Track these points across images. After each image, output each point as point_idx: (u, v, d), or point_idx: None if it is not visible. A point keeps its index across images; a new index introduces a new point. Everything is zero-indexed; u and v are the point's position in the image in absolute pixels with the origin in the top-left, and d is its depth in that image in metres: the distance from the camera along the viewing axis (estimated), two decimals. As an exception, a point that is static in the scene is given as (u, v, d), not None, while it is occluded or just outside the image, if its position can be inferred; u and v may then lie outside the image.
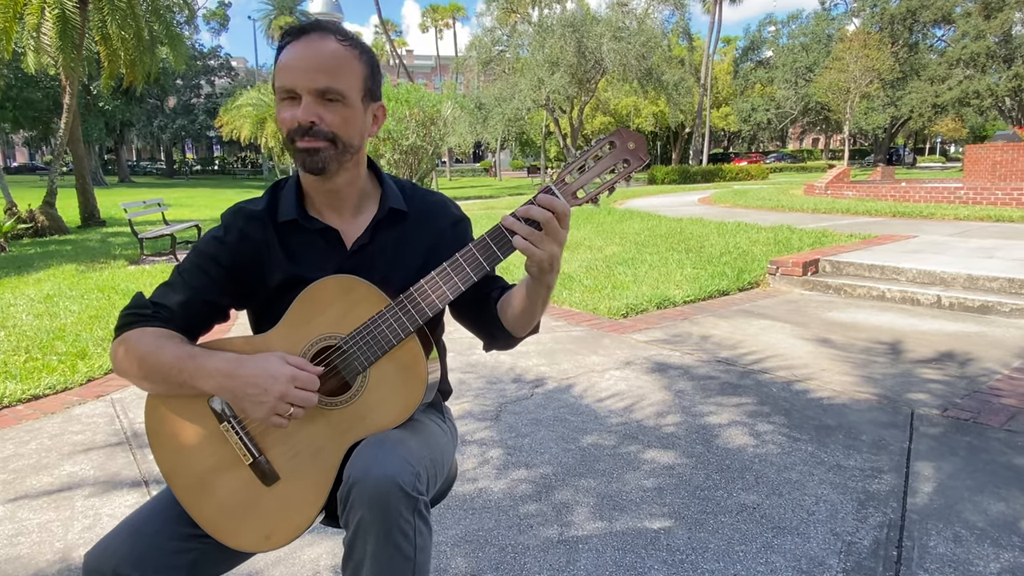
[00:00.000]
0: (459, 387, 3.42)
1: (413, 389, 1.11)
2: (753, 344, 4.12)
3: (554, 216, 1.05)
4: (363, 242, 1.23)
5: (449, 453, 1.30)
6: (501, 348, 1.31)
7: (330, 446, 1.13)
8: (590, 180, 1.10)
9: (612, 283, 5.78)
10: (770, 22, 50.90)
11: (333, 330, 1.13)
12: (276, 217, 1.23)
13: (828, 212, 10.96)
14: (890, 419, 2.93)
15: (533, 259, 1.06)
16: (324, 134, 1.13)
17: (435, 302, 1.11)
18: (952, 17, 37.53)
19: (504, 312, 1.24)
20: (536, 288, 1.14)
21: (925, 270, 5.48)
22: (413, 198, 1.30)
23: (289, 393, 1.05)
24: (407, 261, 1.24)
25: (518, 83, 29.19)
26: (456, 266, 1.11)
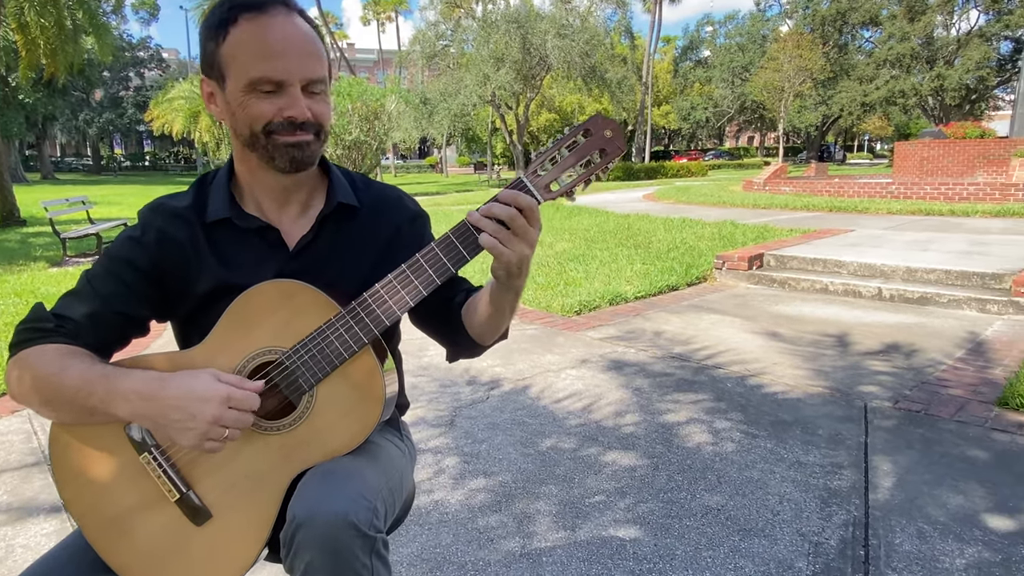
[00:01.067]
0: (411, 392, 3.28)
1: (368, 409, 0.98)
2: (705, 339, 4.11)
3: (520, 213, 0.93)
4: (307, 241, 1.08)
5: (408, 475, 1.17)
6: (466, 357, 1.19)
7: (272, 476, 0.98)
8: (563, 172, 0.99)
9: (564, 280, 5.72)
10: (707, 22, 52.25)
11: (273, 343, 0.99)
12: (204, 215, 1.07)
13: (768, 207, 11.23)
14: (844, 413, 2.95)
15: (500, 260, 0.95)
16: (312, 127, 1.01)
17: (393, 309, 0.98)
18: (879, 19, 39.31)
19: (469, 318, 1.12)
20: (503, 293, 1.02)
21: (865, 263, 5.63)
22: (365, 192, 1.16)
23: (223, 416, 0.90)
24: (359, 262, 1.10)
25: (463, 78, 28.97)
26: (416, 268, 0.98)
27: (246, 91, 0.97)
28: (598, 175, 1.02)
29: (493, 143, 41.62)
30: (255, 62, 0.96)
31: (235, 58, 0.97)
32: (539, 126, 44.17)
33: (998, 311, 4.58)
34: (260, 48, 0.96)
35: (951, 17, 38.19)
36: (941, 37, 38.32)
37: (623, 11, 35.00)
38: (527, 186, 0.97)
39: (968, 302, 4.73)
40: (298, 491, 0.92)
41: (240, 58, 0.96)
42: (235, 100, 0.99)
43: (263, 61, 0.96)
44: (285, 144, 0.99)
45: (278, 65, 0.96)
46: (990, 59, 36.29)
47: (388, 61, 59.72)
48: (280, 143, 0.99)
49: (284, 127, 0.98)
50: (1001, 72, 37.96)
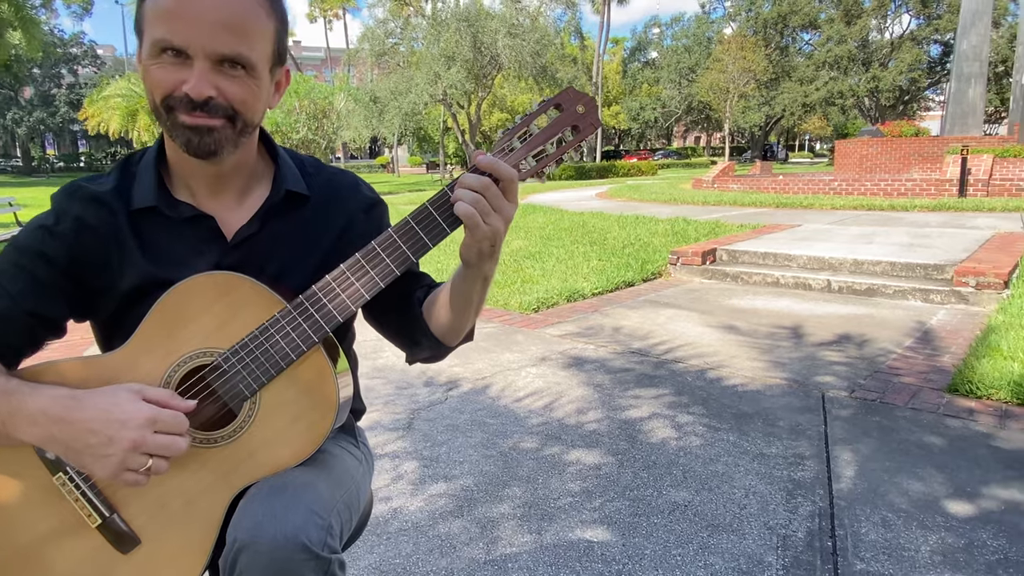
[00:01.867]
0: (366, 395, 3.13)
1: (320, 415, 0.88)
2: (663, 334, 4.11)
3: (498, 182, 0.85)
4: (250, 232, 0.97)
5: (365, 486, 1.07)
6: (427, 359, 1.10)
7: (210, 495, 0.87)
8: (533, 151, 0.91)
9: (521, 277, 5.65)
10: (654, 24, 53.11)
11: (208, 344, 0.88)
12: (129, 202, 0.94)
13: (717, 204, 11.41)
14: (803, 403, 2.96)
15: (475, 235, 0.86)
16: (222, 110, 0.86)
17: (346, 304, 0.88)
18: (818, 22, 40.72)
19: (431, 314, 1.03)
20: (471, 279, 0.94)
21: (814, 256, 5.75)
22: (316, 177, 1.05)
23: (145, 441, 0.78)
24: (308, 255, 0.99)
25: (414, 77, 28.63)
26: (372, 257, 0.88)
27: (151, 55, 0.85)
28: (571, 153, 0.94)
29: (445, 143, 41.34)
30: (159, 22, 0.84)
31: (148, 17, 0.85)
32: (491, 125, 44.07)
33: (941, 300, 4.72)
34: (167, 6, 0.83)
35: (885, 21, 39.86)
36: (876, 40, 39.96)
37: (572, 12, 35.29)
38: (495, 164, 0.89)
39: (913, 292, 4.86)
40: (239, 510, 0.81)
41: (150, 17, 0.85)
42: (144, 65, 0.87)
43: (166, 22, 0.83)
44: (183, 124, 0.86)
45: (179, 28, 0.83)
46: (921, 62, 38.02)
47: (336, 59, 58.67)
48: (179, 122, 0.86)
49: (183, 104, 0.85)
50: (931, 74, 39.81)
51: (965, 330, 4.01)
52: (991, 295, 4.51)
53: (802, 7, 40.14)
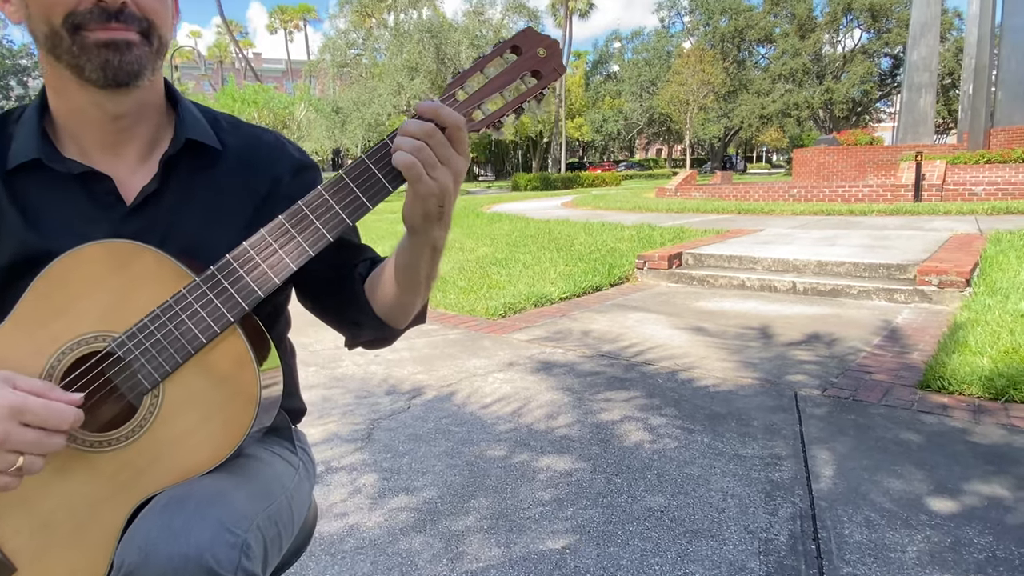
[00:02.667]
0: (323, 405, 2.97)
1: (237, 410, 0.73)
2: (632, 336, 4.01)
3: (443, 130, 0.72)
4: (151, 190, 0.82)
5: (301, 498, 0.92)
6: (371, 345, 0.96)
7: (103, 510, 0.72)
8: (487, 98, 0.79)
9: (488, 283, 5.52)
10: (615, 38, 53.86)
11: (100, 327, 0.72)
12: (4, 160, 0.79)
13: (681, 211, 11.48)
14: (776, 402, 2.89)
15: (419, 192, 0.73)
16: (137, 21, 0.74)
17: (268, 276, 0.74)
18: (773, 37, 41.80)
19: (375, 292, 0.89)
20: (418, 249, 0.80)
21: (779, 258, 5.75)
22: (232, 134, 0.91)
23: (9, 436, 0.63)
24: (224, 222, 0.85)
25: (377, 88, 28.43)
26: (299, 220, 0.74)
27: None
28: (532, 101, 0.82)
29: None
30: None
31: None
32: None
33: (905, 300, 4.74)
34: None
35: (837, 35, 41.15)
36: (829, 54, 41.22)
37: (535, 25, 35.54)
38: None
39: (877, 292, 4.88)
40: (133, 528, 0.66)
41: None
42: None
43: None
44: (96, 43, 0.72)
45: None
46: (873, 74, 39.31)
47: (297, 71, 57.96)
48: (90, 42, 0.72)
49: (94, 16, 0.71)
50: (883, 86, 41.18)
51: (931, 328, 4.01)
52: (954, 293, 4.54)
53: (757, 22, 41.18)
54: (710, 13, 43.36)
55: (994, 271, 4.92)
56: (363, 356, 3.70)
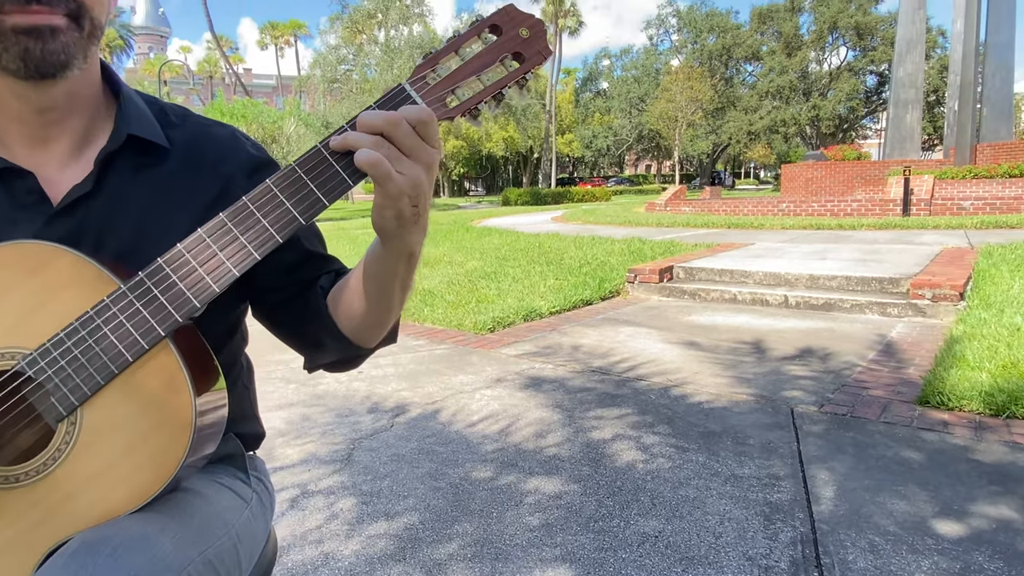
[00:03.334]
0: (302, 425, 2.85)
1: (167, 440, 0.63)
2: (624, 351, 3.92)
3: (403, 122, 0.63)
4: (82, 192, 0.72)
5: (253, 534, 0.81)
6: (335, 367, 0.86)
7: (7, 556, 0.61)
8: (462, 82, 0.69)
9: (476, 297, 5.42)
10: (605, 55, 54.34)
11: (8, 342, 0.62)
12: None
13: (671, 226, 11.45)
14: (772, 419, 2.79)
15: (388, 190, 0.63)
16: (63, 1, 0.64)
17: (206, 283, 0.64)
18: (760, 54, 42.31)
19: (339, 307, 0.79)
20: (392, 257, 0.70)
21: (771, 272, 5.69)
22: (180, 129, 0.81)
23: None
24: (165, 228, 0.74)
25: (367, 103, 28.44)
26: (243, 217, 0.65)
27: None
28: (514, 88, 0.73)
29: (399, 170, 41.09)
30: None
31: None
32: (447, 152, 44.09)
33: (898, 314, 4.68)
34: None
35: (823, 53, 41.72)
36: (815, 71, 41.76)
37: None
38: (411, 96, 0.67)
39: (870, 306, 4.82)
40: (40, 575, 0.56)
41: None
42: None
43: None
44: (14, 29, 0.62)
45: None
46: (859, 91, 39.81)
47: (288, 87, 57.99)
48: (7, 28, 0.62)
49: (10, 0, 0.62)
50: (868, 103, 41.69)
51: (926, 342, 3.94)
52: (948, 307, 4.49)
53: (745, 40, 41.71)
54: (698, 31, 43.89)
55: (987, 284, 4.87)
56: (346, 373, 3.58)
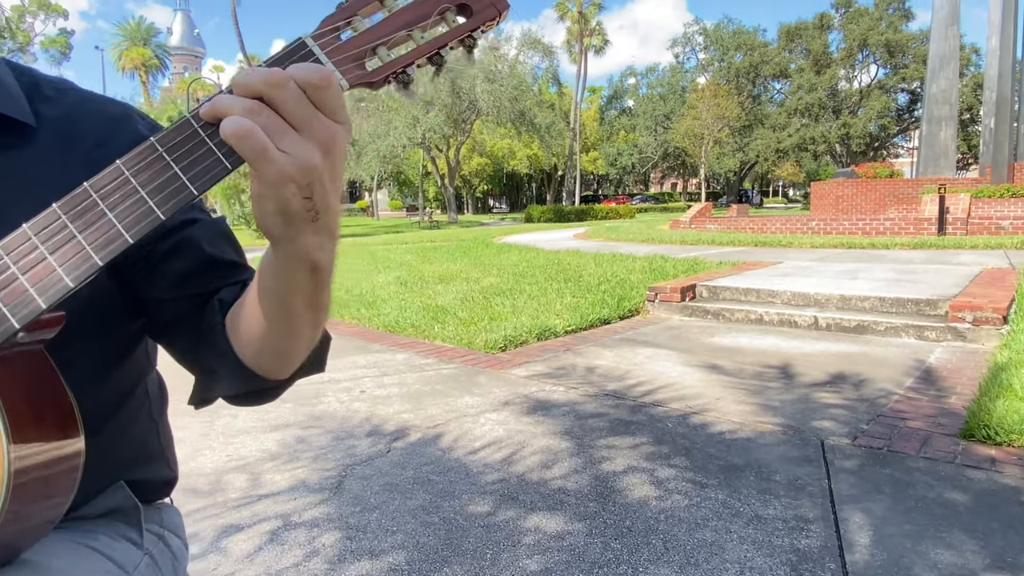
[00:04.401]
0: (295, 448, 2.70)
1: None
2: (641, 374, 3.71)
3: (292, 82, 0.46)
4: None
5: None
6: (238, 401, 0.69)
7: None
8: (388, 37, 0.53)
9: (489, 314, 5.25)
10: (630, 74, 54.32)
11: None
12: None
13: (695, 243, 11.21)
14: (800, 453, 2.56)
15: (266, 174, 0.46)
16: None
17: (28, 296, 0.48)
18: (788, 72, 41.88)
19: (237, 327, 0.63)
20: (286, 264, 0.54)
21: (799, 292, 5.44)
22: (57, 102, 0.66)
23: None
24: (15, 221, 0.59)
25: (392, 120, 28.70)
26: (84, 209, 0.49)
27: None
28: (460, 51, 0.57)
29: (425, 187, 41.35)
30: None
31: None
32: (471, 170, 44.33)
33: (936, 338, 4.40)
34: None
35: (853, 70, 41.15)
36: (845, 89, 41.18)
37: (550, 61, 35.94)
38: (313, 53, 0.51)
39: (906, 329, 4.54)
40: None
41: None
42: None
43: None
44: None
45: None
46: (890, 109, 39.13)
47: (317, 105, 58.74)
48: None
49: None
50: (900, 121, 40.94)
51: (968, 368, 3.67)
52: (990, 331, 4.20)
53: (772, 57, 41.34)
54: (725, 49, 43.66)
55: (1033, 308, 4.57)
56: (348, 392, 3.43)
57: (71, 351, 0.59)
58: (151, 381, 0.78)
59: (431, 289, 6.72)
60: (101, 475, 0.70)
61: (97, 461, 0.69)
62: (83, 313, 0.62)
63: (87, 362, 0.64)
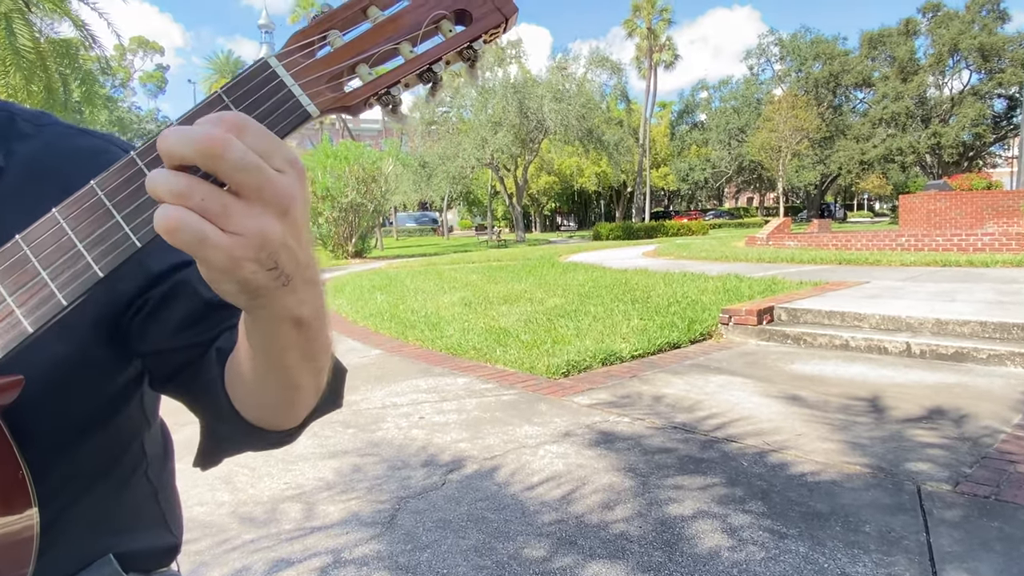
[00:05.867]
0: (351, 477, 2.65)
1: None
2: (713, 405, 3.49)
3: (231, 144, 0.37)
4: None
5: None
6: (242, 448, 0.61)
7: None
8: (370, 51, 0.44)
9: (552, 337, 5.13)
10: (702, 87, 53.29)
11: None
12: None
13: (773, 261, 10.71)
14: (893, 500, 2.30)
15: (214, 261, 0.37)
16: None
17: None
18: (871, 80, 40.01)
19: (234, 380, 0.55)
20: (264, 327, 0.45)
21: (889, 315, 5.04)
22: (34, 138, 0.60)
23: None
24: None
25: (461, 142, 29.20)
26: (14, 264, 0.42)
27: None
28: (461, 64, 0.47)
29: (494, 206, 41.77)
30: None
31: None
32: (539, 188, 44.47)
33: (1051, 367, 3.95)
34: None
35: (943, 77, 38.86)
36: (935, 96, 38.90)
37: (619, 77, 35.72)
38: (278, 76, 0.42)
39: (1012, 357, 4.11)
40: None
41: None
42: None
43: None
44: None
45: None
46: (985, 116, 36.65)
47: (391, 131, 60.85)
48: None
49: None
50: (997, 129, 38.27)
51: (1091, 404, 3.26)
52: (1116, 361, 3.73)
53: (854, 66, 39.59)
54: (802, 59, 42.19)
55: None
56: (407, 418, 3.38)
57: (41, 413, 0.53)
58: (150, 439, 0.71)
59: (495, 310, 6.66)
60: (84, 548, 0.63)
61: (79, 532, 0.62)
62: (57, 372, 0.56)
63: (62, 424, 0.57)
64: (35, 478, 0.51)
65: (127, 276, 0.59)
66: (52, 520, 0.59)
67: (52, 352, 0.54)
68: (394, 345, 5.41)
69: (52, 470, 0.57)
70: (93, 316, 0.57)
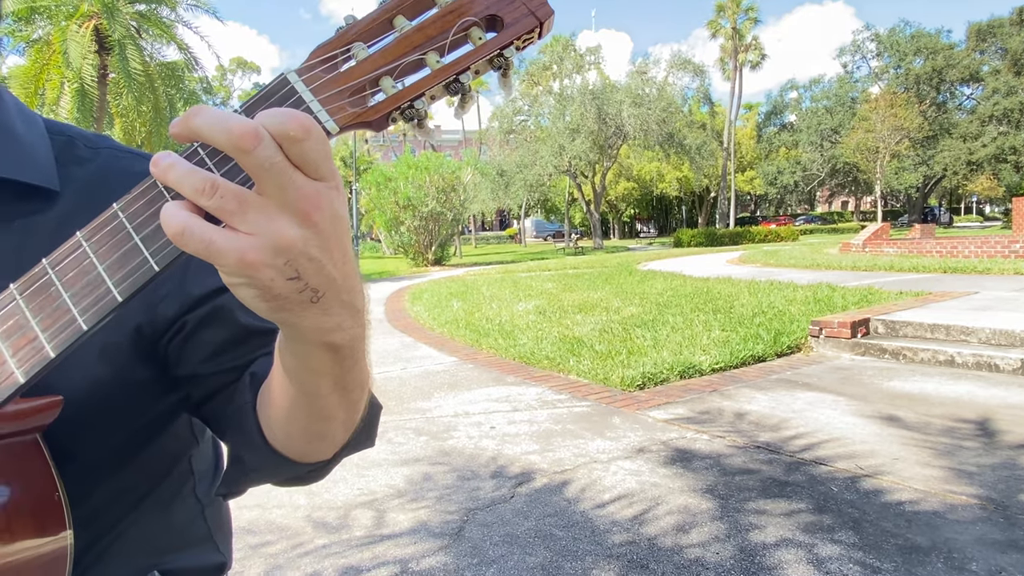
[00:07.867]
0: (422, 485, 2.66)
1: None
2: (800, 423, 3.29)
3: (260, 146, 0.35)
4: None
5: None
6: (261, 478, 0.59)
7: None
8: (397, 63, 0.41)
9: (628, 348, 5.01)
10: (791, 87, 51.19)
11: None
12: None
13: (869, 269, 10.09)
14: (1005, 535, 2.08)
15: (225, 262, 0.35)
16: None
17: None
18: (980, 75, 37.21)
19: (266, 406, 0.54)
20: (295, 346, 0.43)
21: (1001, 329, 4.61)
22: (90, 163, 0.61)
23: None
24: None
25: (539, 150, 29.28)
26: (39, 289, 0.41)
27: None
28: (494, 73, 0.43)
29: (571, 213, 41.62)
30: None
31: None
32: (617, 194, 43.98)
33: None
34: None
35: (1065, 68, 35.62)
36: (1054, 90, 35.72)
37: (701, 79, 34.82)
38: (296, 92, 0.40)
39: None
40: None
41: None
42: None
43: None
44: None
45: None
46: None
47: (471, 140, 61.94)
48: None
49: None
50: None
51: None
52: None
53: (960, 60, 36.95)
54: (902, 55, 39.79)
55: None
56: (478, 427, 3.38)
57: (82, 434, 0.53)
58: (199, 456, 0.71)
59: (569, 319, 6.59)
60: (129, 566, 0.63)
61: (124, 550, 0.63)
62: (97, 393, 0.56)
63: (103, 445, 0.57)
64: (77, 498, 0.51)
65: (168, 299, 0.59)
66: (95, 538, 0.59)
67: (92, 373, 0.55)
68: (468, 353, 5.44)
69: (95, 489, 0.57)
70: (133, 338, 0.57)
